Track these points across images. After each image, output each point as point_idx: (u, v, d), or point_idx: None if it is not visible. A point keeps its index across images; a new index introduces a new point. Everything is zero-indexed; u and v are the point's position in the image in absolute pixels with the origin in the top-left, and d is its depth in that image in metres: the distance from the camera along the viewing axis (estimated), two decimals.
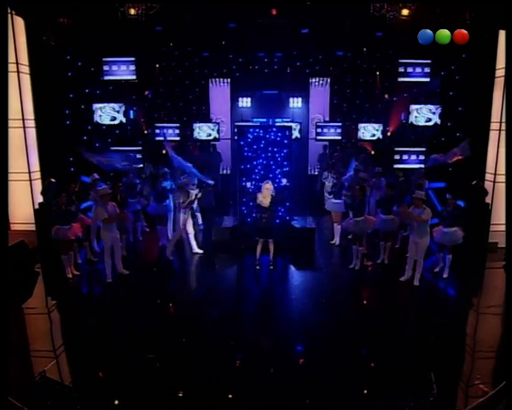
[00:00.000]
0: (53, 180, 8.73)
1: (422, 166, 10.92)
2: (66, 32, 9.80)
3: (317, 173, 14.04)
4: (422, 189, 8.84)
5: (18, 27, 8.98)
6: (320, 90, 14.20)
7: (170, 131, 12.91)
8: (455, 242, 7.76)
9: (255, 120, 13.65)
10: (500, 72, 9.28)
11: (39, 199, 9.14)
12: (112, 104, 11.62)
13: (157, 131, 12.97)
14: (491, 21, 8.91)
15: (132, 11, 9.26)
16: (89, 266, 8.54)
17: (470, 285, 7.94)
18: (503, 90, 9.09)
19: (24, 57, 9.20)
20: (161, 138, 12.46)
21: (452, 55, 10.68)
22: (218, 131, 13.20)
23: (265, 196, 8.05)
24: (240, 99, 14.31)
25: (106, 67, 11.28)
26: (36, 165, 9.60)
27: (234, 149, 12.93)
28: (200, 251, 9.12)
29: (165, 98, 13.83)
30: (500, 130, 9.26)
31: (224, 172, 14.11)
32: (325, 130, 13.26)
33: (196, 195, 9.02)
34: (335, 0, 9.52)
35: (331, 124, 13.37)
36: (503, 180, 8.58)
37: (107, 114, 11.65)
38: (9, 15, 8.65)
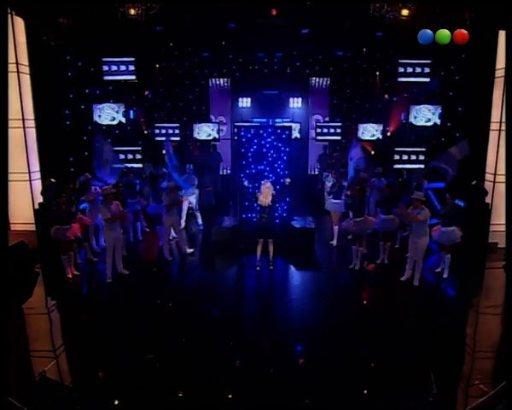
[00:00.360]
0: (53, 180, 8.73)
1: (422, 166, 10.93)
2: (66, 32, 9.81)
3: (317, 173, 14.04)
4: (421, 189, 8.84)
5: (18, 27, 8.99)
6: (320, 90, 14.19)
7: (170, 131, 12.91)
8: (453, 241, 7.76)
9: (255, 120, 13.65)
10: (500, 72, 9.28)
11: (39, 199, 9.14)
12: (110, 104, 11.63)
13: (156, 131, 12.97)
14: (491, 21, 8.92)
15: (132, 11, 9.27)
16: (89, 266, 8.54)
17: (470, 285, 7.93)
18: (503, 90, 9.09)
19: (24, 57, 9.20)
20: (163, 138, 12.44)
21: (452, 55, 10.69)
22: (218, 132, 13.20)
23: (266, 195, 8.06)
24: (240, 99, 14.30)
25: (106, 67, 11.29)
26: (36, 165, 9.61)
27: (234, 149, 12.93)
28: (191, 250, 9.16)
29: (165, 98, 13.83)
30: (500, 130, 9.26)
31: (224, 172, 14.11)
32: (325, 130, 13.27)
33: (181, 196, 9.07)
34: (335, 0, 9.53)
35: (331, 124, 13.38)
36: (503, 180, 8.58)
37: (106, 114, 11.65)
38: (9, 15, 8.66)
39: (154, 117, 13.51)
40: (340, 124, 13.24)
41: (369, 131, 12.82)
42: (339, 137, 13.26)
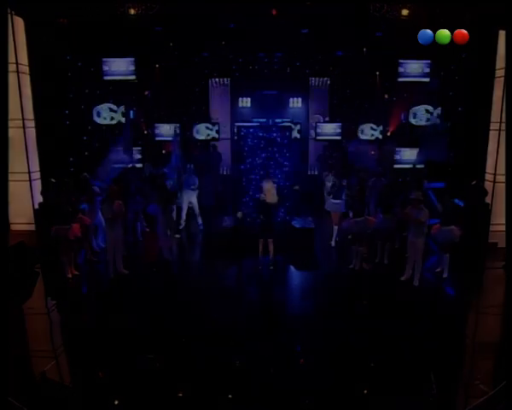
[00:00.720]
0: (53, 180, 8.73)
1: (422, 166, 10.93)
2: (67, 32, 9.80)
3: (317, 173, 14.03)
4: (421, 189, 8.83)
5: (18, 27, 8.99)
6: (320, 90, 14.18)
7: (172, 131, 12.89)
8: (451, 240, 7.75)
9: (255, 120, 13.64)
10: (500, 72, 9.27)
11: (39, 199, 9.14)
12: (109, 104, 11.62)
13: (156, 131, 12.95)
14: (491, 21, 8.91)
15: (132, 11, 9.27)
16: (89, 266, 8.54)
17: (470, 285, 7.94)
18: (503, 90, 9.09)
19: (24, 57, 9.20)
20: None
21: (452, 55, 10.68)
22: (218, 132, 13.20)
23: (269, 190, 8.05)
24: (240, 99, 14.29)
25: (106, 67, 11.28)
26: (36, 165, 9.60)
27: (234, 149, 12.92)
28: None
29: (165, 98, 13.81)
30: (500, 130, 9.26)
31: (224, 172, 14.09)
32: (325, 130, 13.27)
33: (176, 196, 9.13)
34: (335, 0, 9.52)
35: (331, 124, 13.37)
36: (503, 180, 8.57)
37: (105, 114, 11.65)
38: (9, 15, 8.66)
39: (153, 117, 13.50)
40: (340, 124, 13.23)
41: (369, 132, 12.85)
42: (339, 137, 13.26)
